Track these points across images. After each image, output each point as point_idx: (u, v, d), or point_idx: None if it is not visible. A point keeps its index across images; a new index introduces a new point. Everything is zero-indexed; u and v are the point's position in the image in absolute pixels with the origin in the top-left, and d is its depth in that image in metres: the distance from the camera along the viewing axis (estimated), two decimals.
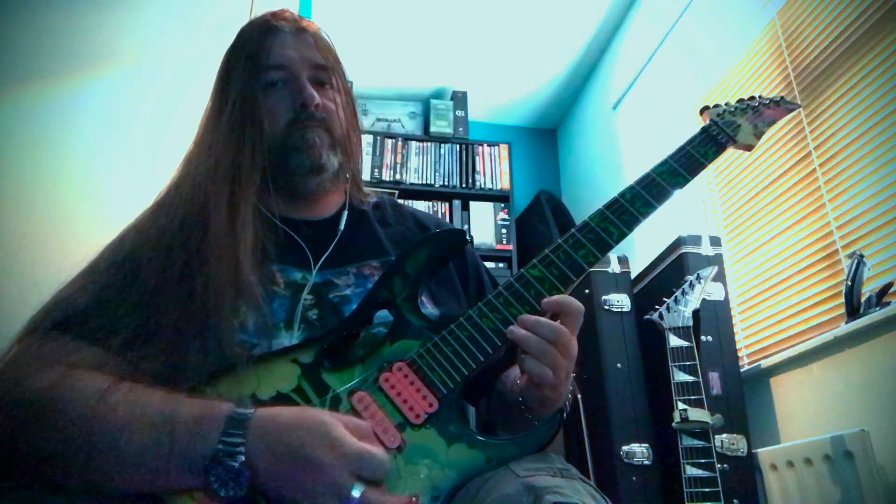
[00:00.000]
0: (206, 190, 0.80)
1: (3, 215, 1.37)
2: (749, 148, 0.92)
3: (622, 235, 0.77)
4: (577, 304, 0.73)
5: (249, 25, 0.95)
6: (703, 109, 0.94)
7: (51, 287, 0.76)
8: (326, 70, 0.92)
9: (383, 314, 0.77)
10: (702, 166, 0.84)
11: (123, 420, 0.60)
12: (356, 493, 0.58)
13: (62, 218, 1.45)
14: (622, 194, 0.80)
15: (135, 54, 1.69)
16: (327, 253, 0.87)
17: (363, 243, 0.91)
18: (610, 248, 0.77)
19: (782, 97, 0.99)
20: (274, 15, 0.94)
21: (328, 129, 0.90)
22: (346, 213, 0.94)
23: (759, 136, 0.92)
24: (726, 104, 0.94)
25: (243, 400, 0.64)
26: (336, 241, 0.89)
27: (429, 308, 0.84)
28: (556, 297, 0.73)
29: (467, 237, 0.81)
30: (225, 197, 0.80)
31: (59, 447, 0.59)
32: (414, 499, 0.63)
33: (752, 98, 0.95)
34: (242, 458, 0.59)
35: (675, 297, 1.73)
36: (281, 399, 0.68)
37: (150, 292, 0.71)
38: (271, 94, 0.88)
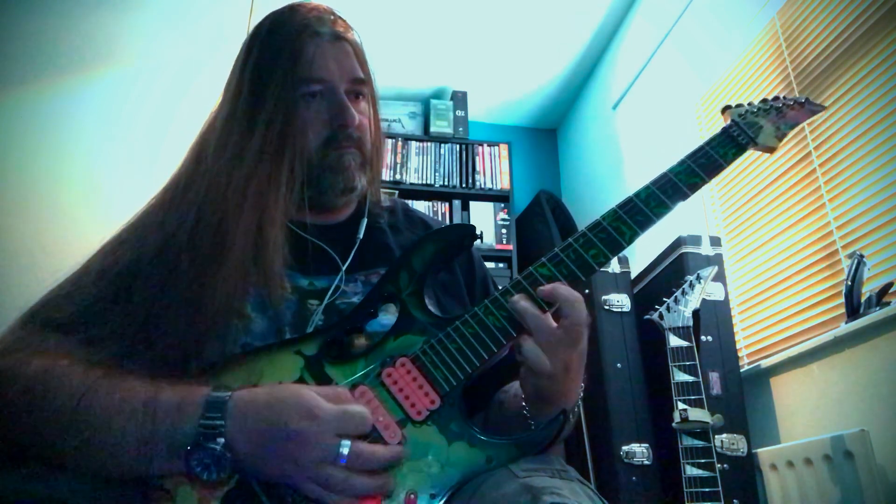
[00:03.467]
0: (232, 202, 0.77)
1: (4, 215, 1.37)
2: (770, 150, 0.88)
3: (634, 236, 0.75)
4: (573, 292, 0.71)
5: (284, 22, 0.88)
6: (725, 109, 0.90)
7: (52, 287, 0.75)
8: (363, 83, 0.90)
9: (388, 322, 0.76)
10: (720, 167, 0.81)
11: (106, 408, 0.60)
12: (345, 450, 0.59)
13: (62, 218, 1.45)
14: (637, 194, 0.77)
15: (135, 54, 1.69)
16: (348, 262, 0.85)
17: (374, 251, 0.89)
18: (622, 248, 0.74)
19: (807, 98, 0.94)
20: (312, 13, 0.88)
21: (360, 147, 0.87)
22: (364, 220, 0.91)
23: (780, 137, 0.88)
24: (749, 104, 0.90)
25: (221, 385, 0.64)
26: (355, 248, 0.87)
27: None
28: (550, 285, 0.71)
29: (476, 233, 0.80)
30: (256, 214, 0.77)
31: (41, 435, 0.60)
32: (412, 496, 0.63)
33: (776, 98, 0.91)
34: (223, 440, 0.59)
35: (675, 297, 1.73)
36: None
37: (146, 312, 0.69)
38: (307, 107, 0.84)
